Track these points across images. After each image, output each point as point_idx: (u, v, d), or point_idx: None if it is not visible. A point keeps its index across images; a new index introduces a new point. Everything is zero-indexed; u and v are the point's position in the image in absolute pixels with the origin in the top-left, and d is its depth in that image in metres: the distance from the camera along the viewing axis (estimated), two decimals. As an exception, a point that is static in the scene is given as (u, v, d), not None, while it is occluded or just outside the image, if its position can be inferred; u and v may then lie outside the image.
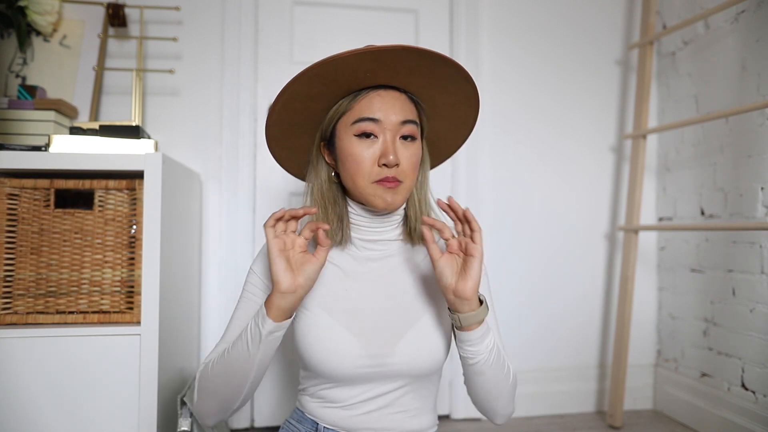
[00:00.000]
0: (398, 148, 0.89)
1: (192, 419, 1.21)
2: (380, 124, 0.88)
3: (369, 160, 0.88)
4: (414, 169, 0.91)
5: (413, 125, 0.91)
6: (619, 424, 1.81)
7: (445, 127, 1.03)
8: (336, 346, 0.88)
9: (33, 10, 1.56)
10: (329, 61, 0.83)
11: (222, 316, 1.78)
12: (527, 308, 1.98)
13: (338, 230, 0.94)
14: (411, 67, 0.87)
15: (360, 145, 0.88)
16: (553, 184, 2.02)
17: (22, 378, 1.13)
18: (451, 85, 0.93)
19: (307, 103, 0.92)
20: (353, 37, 1.89)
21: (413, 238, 0.97)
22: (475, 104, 0.99)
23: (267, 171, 1.85)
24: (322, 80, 0.87)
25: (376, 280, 0.94)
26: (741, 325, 1.65)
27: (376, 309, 0.92)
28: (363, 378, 0.90)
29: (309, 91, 0.89)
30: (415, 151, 0.91)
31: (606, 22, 2.07)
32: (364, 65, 0.85)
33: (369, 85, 0.90)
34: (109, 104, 1.71)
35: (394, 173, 0.88)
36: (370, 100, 0.89)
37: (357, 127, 0.88)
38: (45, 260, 1.19)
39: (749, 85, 1.64)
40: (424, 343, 0.91)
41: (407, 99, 0.93)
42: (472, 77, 0.92)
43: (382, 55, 0.84)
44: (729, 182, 1.71)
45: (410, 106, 0.92)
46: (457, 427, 1.84)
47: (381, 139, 0.88)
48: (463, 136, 1.07)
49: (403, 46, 0.83)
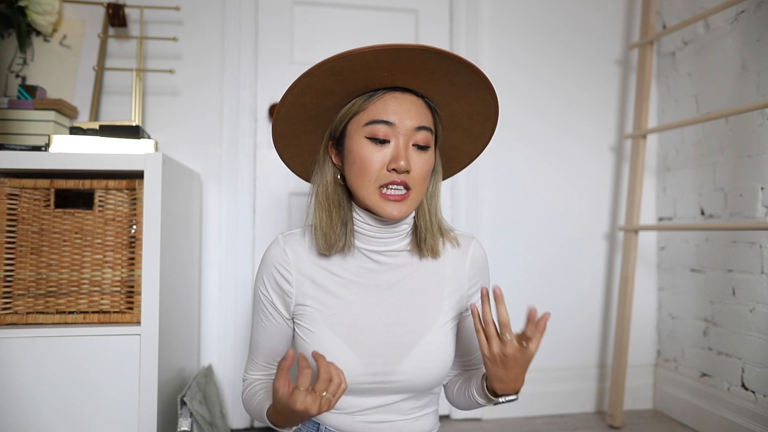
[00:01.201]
0: (410, 154, 0.85)
1: (192, 419, 1.21)
2: (394, 127, 0.85)
3: (378, 163, 0.85)
4: (425, 178, 0.88)
5: (428, 132, 0.87)
6: (619, 424, 1.81)
7: (460, 138, 0.99)
8: (338, 364, 0.84)
9: (33, 10, 1.56)
10: (345, 56, 0.80)
11: (222, 316, 1.78)
12: (527, 308, 1.97)
13: (341, 236, 0.90)
14: (431, 71, 0.84)
15: (370, 147, 0.85)
16: (553, 183, 2.02)
17: (22, 378, 1.13)
18: (471, 93, 0.89)
19: (319, 99, 0.88)
20: (353, 37, 1.89)
21: (422, 250, 0.93)
22: (494, 117, 0.95)
23: (267, 171, 1.85)
24: (336, 76, 0.83)
25: (381, 293, 0.91)
26: (741, 325, 1.65)
27: (379, 325, 0.90)
28: (365, 392, 0.89)
29: (322, 86, 0.85)
30: (427, 159, 0.87)
31: (606, 22, 2.07)
32: (382, 64, 0.81)
33: (386, 86, 0.87)
34: (109, 104, 1.71)
35: (403, 178, 0.85)
36: (386, 102, 0.86)
37: (369, 129, 0.85)
38: (45, 260, 1.19)
39: (749, 85, 1.64)
40: (428, 361, 0.89)
41: (424, 104, 0.89)
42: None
43: (400, 54, 0.80)
44: (729, 182, 1.71)
45: (426, 112, 0.89)
46: (457, 427, 1.84)
47: (393, 143, 0.85)
48: (479, 149, 1.02)
49: (424, 46, 0.80)
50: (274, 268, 0.92)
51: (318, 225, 0.90)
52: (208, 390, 1.50)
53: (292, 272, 0.92)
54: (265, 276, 0.93)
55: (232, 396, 1.77)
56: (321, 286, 0.91)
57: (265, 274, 0.94)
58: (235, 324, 1.78)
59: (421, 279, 0.93)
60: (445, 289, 0.94)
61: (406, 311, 0.91)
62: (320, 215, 0.90)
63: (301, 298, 0.91)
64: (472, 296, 0.97)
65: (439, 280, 0.94)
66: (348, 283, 0.91)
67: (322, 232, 0.90)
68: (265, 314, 0.95)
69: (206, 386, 1.50)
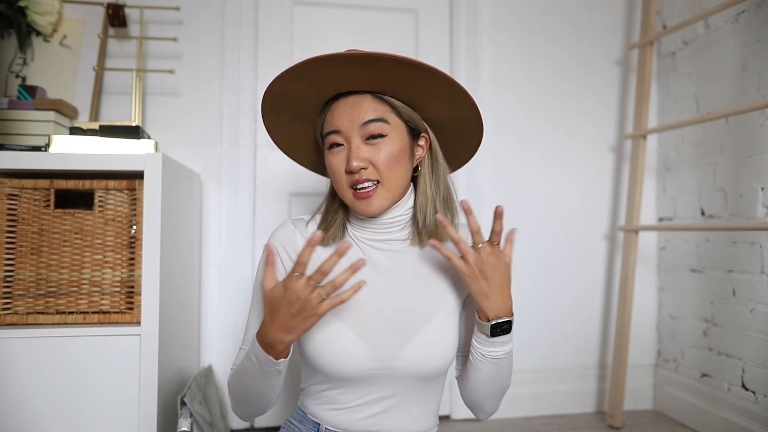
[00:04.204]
0: (363, 150, 0.88)
1: (192, 419, 1.21)
2: (342, 133, 0.89)
3: (340, 168, 0.90)
4: (390, 165, 0.88)
5: (379, 123, 0.88)
6: (619, 425, 1.81)
7: (453, 137, 1.01)
8: (343, 349, 0.87)
9: (33, 10, 1.56)
10: (299, 67, 0.87)
11: (222, 316, 1.78)
12: (527, 308, 1.97)
13: (339, 228, 0.97)
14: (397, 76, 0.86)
15: (332, 156, 0.91)
16: (553, 184, 2.02)
17: (22, 378, 1.13)
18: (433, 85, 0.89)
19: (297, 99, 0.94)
20: (353, 37, 1.89)
21: (422, 240, 0.95)
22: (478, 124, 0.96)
23: (267, 171, 1.85)
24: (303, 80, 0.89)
25: (384, 281, 0.93)
26: (741, 326, 1.65)
27: (384, 311, 0.91)
28: (369, 379, 0.89)
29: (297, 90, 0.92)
30: (385, 147, 0.88)
31: (606, 22, 2.07)
32: (329, 71, 0.86)
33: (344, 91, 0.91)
34: (109, 104, 1.71)
35: (365, 176, 0.88)
36: (333, 112, 0.91)
37: (327, 141, 0.91)
38: (45, 260, 1.19)
39: (749, 85, 1.64)
40: (431, 348, 0.90)
41: (372, 98, 0.90)
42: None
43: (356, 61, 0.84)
44: (729, 182, 1.71)
45: (375, 104, 0.90)
46: (457, 428, 1.84)
47: (346, 147, 0.89)
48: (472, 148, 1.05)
49: (367, 53, 0.83)
50: (281, 245, 0.96)
51: (323, 214, 0.98)
52: (208, 390, 1.50)
53: (297, 252, 0.95)
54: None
55: (232, 396, 1.76)
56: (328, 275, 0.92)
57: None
58: (235, 324, 1.78)
59: (424, 266, 0.95)
60: (449, 275, 0.96)
61: (410, 298, 0.92)
62: (326, 205, 0.99)
63: None
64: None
65: (443, 267, 0.96)
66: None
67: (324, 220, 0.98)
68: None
69: (206, 386, 1.50)
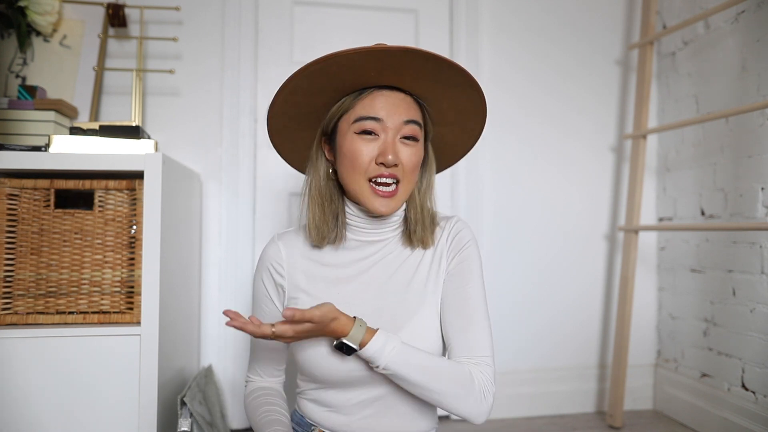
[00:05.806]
0: (399, 148, 0.89)
1: (192, 419, 1.21)
2: (382, 123, 0.88)
3: (367, 156, 0.88)
4: (414, 170, 0.91)
5: (416, 126, 0.90)
6: (619, 425, 1.81)
7: (451, 134, 1.02)
8: (329, 351, 0.88)
9: (33, 10, 1.56)
10: (331, 58, 0.82)
11: (222, 316, 1.78)
12: (527, 308, 1.98)
13: (333, 228, 0.94)
14: (417, 70, 0.87)
15: (360, 141, 0.88)
16: (553, 184, 2.02)
17: (21, 378, 1.13)
18: (456, 90, 0.92)
19: (310, 98, 0.91)
20: (353, 37, 1.89)
21: (412, 242, 0.96)
22: (482, 113, 0.97)
23: (267, 171, 1.85)
24: (325, 76, 0.86)
25: (369, 281, 0.94)
26: (741, 326, 1.65)
27: (368, 311, 0.91)
28: (358, 381, 0.89)
29: (311, 86, 0.88)
30: (416, 151, 0.90)
31: (606, 22, 2.07)
32: (368, 65, 0.84)
33: (373, 84, 0.90)
34: (109, 104, 1.71)
35: (392, 171, 0.88)
36: (373, 99, 0.89)
37: (359, 125, 0.88)
38: (45, 260, 1.19)
39: (749, 85, 1.64)
40: (415, 344, 0.89)
41: (412, 101, 0.92)
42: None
43: (385, 56, 0.83)
44: (729, 182, 1.71)
45: (414, 107, 0.92)
46: (456, 428, 1.84)
47: (382, 138, 0.88)
48: (469, 144, 1.05)
49: (407, 48, 0.82)
50: (270, 263, 0.98)
51: (311, 219, 0.94)
52: (208, 390, 1.50)
53: (284, 266, 0.97)
54: (263, 272, 0.99)
55: (232, 396, 1.77)
56: (313, 277, 0.95)
57: (262, 271, 1.00)
58: (235, 324, 1.78)
59: (409, 266, 0.96)
60: (432, 273, 0.96)
61: (393, 296, 0.93)
62: (313, 209, 0.94)
63: (293, 290, 0.96)
64: (450, 273, 0.95)
65: (427, 266, 0.96)
66: (339, 272, 0.95)
67: (315, 225, 0.94)
68: (262, 309, 1.00)
69: (206, 386, 1.50)
